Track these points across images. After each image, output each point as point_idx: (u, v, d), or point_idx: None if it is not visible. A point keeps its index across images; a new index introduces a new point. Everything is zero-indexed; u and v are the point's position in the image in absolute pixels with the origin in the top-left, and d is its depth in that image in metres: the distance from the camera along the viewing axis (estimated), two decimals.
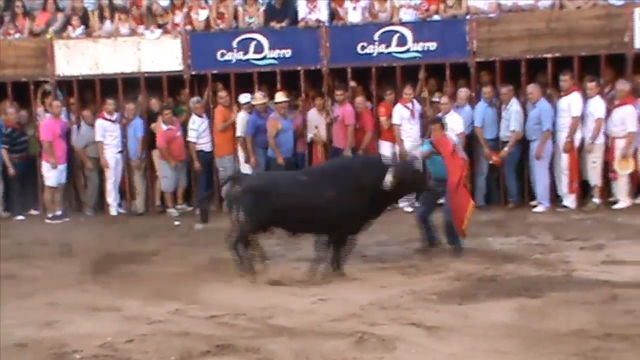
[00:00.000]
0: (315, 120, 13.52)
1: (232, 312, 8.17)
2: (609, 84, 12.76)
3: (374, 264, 9.88)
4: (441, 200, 10.28)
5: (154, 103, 13.91)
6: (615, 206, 12.23)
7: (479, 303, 8.06)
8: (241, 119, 13.45)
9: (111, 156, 13.83)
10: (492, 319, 7.58)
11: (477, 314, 7.75)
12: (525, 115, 12.73)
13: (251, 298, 8.66)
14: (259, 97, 13.34)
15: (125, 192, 14.15)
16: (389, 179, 9.14)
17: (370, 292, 8.62)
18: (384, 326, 7.53)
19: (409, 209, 12.90)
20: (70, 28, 14.32)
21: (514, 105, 12.71)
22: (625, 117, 12.15)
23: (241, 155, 13.59)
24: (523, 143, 12.83)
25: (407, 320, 7.66)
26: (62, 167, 13.78)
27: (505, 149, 12.72)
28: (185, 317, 8.13)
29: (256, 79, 13.66)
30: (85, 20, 14.39)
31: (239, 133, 13.47)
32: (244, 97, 13.45)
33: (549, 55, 12.81)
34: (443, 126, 10.32)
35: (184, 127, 13.71)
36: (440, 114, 12.80)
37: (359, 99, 13.34)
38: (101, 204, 14.14)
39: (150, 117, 13.86)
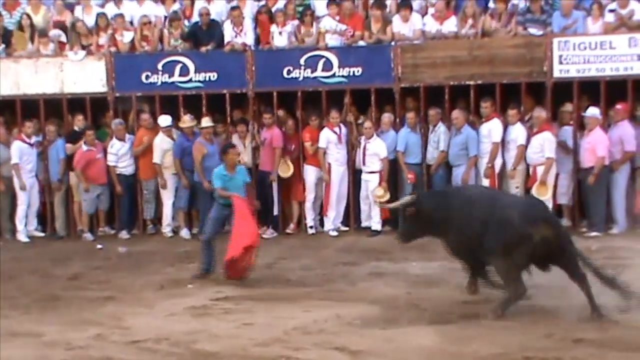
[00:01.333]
0: (238, 147, 13.49)
1: (154, 337, 8.08)
2: (529, 112, 13.03)
3: (298, 288, 9.88)
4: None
5: (79, 120, 13.68)
6: None
7: (403, 327, 8.11)
8: (158, 144, 13.29)
9: (26, 179, 13.45)
10: (416, 343, 7.65)
11: (401, 338, 7.81)
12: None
13: (174, 323, 8.58)
14: (187, 120, 13.26)
15: (46, 215, 13.87)
16: None
17: (294, 317, 8.62)
18: (309, 351, 7.54)
19: (334, 233, 12.96)
20: None
21: (442, 127, 12.92)
22: (543, 144, 12.40)
23: (159, 179, 13.46)
24: (447, 168, 13.00)
25: (331, 344, 7.68)
26: None
27: (433, 167, 12.92)
28: (106, 343, 8.01)
29: (181, 102, 13.58)
30: (5, 39, 14.14)
31: (155, 159, 13.31)
32: (164, 120, 13.32)
33: (471, 82, 13.04)
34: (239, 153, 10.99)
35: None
36: (362, 138, 12.96)
37: (290, 122, 13.38)
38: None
39: (72, 137, 13.63)
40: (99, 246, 12.89)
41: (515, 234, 8.19)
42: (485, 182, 12.61)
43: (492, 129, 12.60)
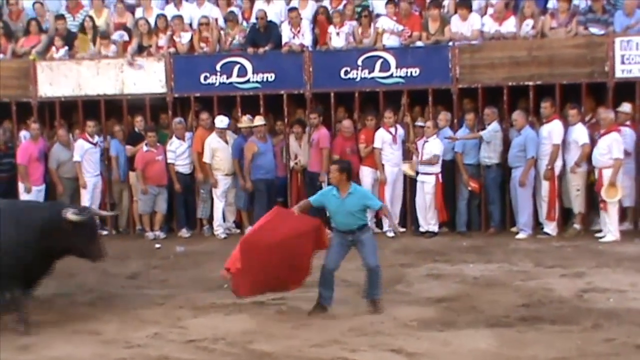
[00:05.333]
0: (295, 148, 13.55)
1: (211, 336, 8.13)
2: (590, 113, 12.84)
3: (355, 289, 9.84)
4: None
5: (138, 122, 13.82)
6: (603, 239, 12.09)
7: (460, 330, 8.05)
8: (208, 144, 13.34)
9: (89, 179, 13.64)
10: (473, 346, 7.58)
11: (458, 341, 7.75)
12: (508, 141, 12.79)
13: (231, 322, 8.62)
14: (245, 121, 13.34)
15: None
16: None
17: (350, 318, 8.60)
18: (365, 352, 7.52)
19: (391, 234, 12.91)
20: (53, 49, 14.29)
21: (496, 126, 12.79)
22: (611, 144, 12.04)
23: (210, 179, 13.48)
24: (505, 169, 12.87)
25: (387, 346, 7.65)
26: (39, 188, 13.64)
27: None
28: (164, 341, 8.08)
29: (239, 103, 13.67)
30: (68, 41, 14.36)
31: (205, 159, 13.37)
32: (221, 121, 13.37)
33: (530, 83, 12.89)
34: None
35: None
36: (421, 139, 12.88)
37: (348, 124, 13.32)
38: None
39: (132, 138, 13.79)
40: (157, 245, 13.01)
41: None
42: (545, 184, 12.45)
43: (552, 130, 12.40)
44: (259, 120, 13.17)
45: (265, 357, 7.52)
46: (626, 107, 12.54)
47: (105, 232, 13.82)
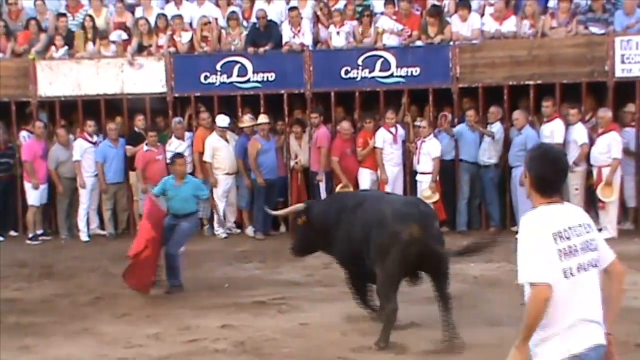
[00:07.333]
0: (295, 148, 13.54)
1: (212, 335, 8.14)
2: (590, 112, 12.84)
3: None
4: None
5: (139, 121, 13.79)
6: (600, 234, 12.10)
7: (461, 329, 8.03)
8: (209, 143, 13.34)
9: (87, 178, 13.62)
10: (474, 344, 7.58)
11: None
12: (508, 141, 12.79)
13: (231, 321, 8.61)
14: (247, 120, 13.33)
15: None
16: None
17: (350, 317, 8.60)
18: (366, 352, 7.50)
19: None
20: (53, 48, 14.27)
21: (498, 125, 12.84)
22: (610, 144, 12.07)
23: (210, 178, 13.42)
24: (505, 168, 12.87)
25: (388, 346, 7.63)
26: (43, 187, 13.66)
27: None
28: (165, 342, 8.08)
29: (239, 102, 13.66)
30: (68, 40, 14.35)
31: (206, 157, 13.37)
32: (222, 120, 13.38)
33: (531, 82, 12.88)
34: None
35: None
36: (418, 139, 12.88)
37: (347, 125, 13.30)
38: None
39: (133, 138, 13.77)
40: None
41: (386, 233, 7.59)
42: None
43: (554, 129, 12.37)
44: (263, 119, 13.17)
45: (266, 356, 7.52)
46: (632, 107, 12.57)
47: (104, 233, 13.85)
